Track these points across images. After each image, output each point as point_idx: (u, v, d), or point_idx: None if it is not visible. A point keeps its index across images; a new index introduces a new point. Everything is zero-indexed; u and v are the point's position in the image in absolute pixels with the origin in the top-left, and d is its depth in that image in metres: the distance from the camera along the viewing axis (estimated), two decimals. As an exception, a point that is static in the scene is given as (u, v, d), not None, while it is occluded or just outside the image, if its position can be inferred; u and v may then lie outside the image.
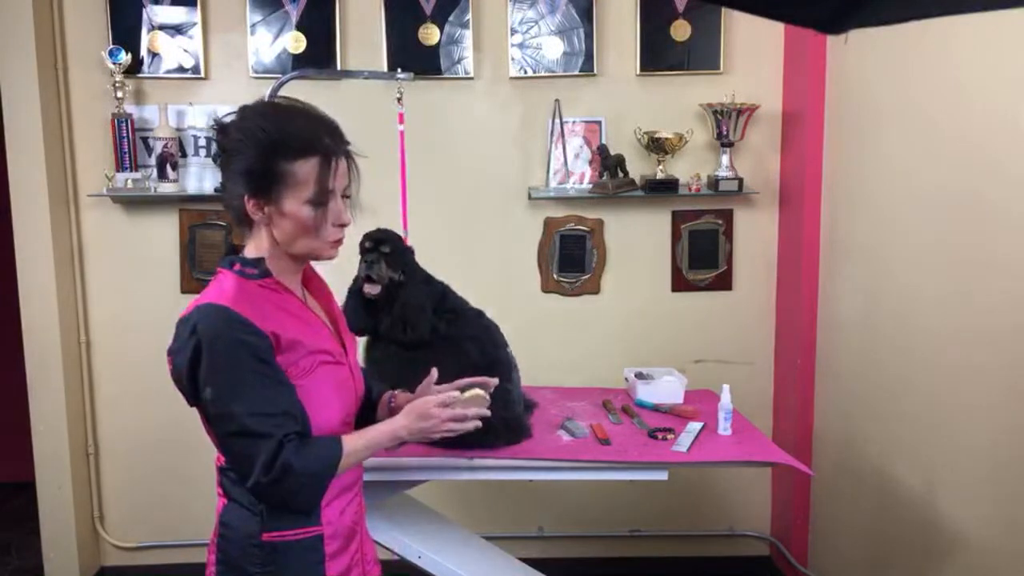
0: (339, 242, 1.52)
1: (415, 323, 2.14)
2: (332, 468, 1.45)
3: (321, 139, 1.45)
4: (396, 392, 1.74)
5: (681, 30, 3.10)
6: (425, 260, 2.28)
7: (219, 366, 1.40)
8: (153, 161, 3.06)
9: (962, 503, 2.16)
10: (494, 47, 3.12)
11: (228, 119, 1.49)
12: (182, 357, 1.41)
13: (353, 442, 1.49)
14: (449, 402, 1.53)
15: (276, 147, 1.43)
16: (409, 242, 2.34)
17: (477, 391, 1.57)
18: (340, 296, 1.79)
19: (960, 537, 2.16)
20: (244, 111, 1.48)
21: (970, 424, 2.12)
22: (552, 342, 3.21)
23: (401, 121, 2.56)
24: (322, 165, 1.44)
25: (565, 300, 3.25)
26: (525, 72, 3.12)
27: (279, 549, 1.48)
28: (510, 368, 2.22)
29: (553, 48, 3.11)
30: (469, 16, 3.08)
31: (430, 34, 3.09)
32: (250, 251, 1.51)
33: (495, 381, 1.64)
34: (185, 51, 3.09)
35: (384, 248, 2.15)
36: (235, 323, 1.40)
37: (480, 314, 2.28)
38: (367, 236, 2.18)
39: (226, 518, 1.52)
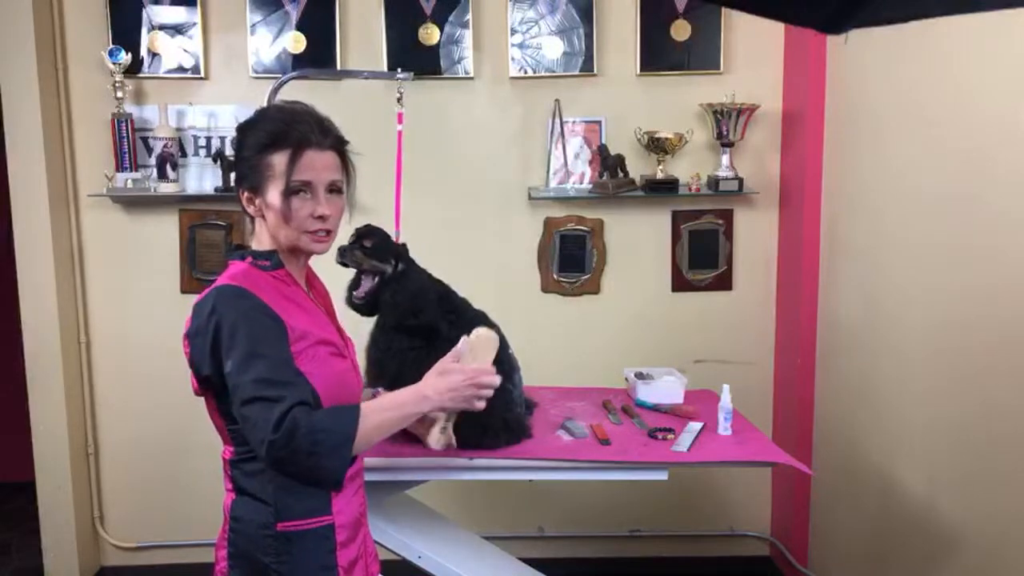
0: (318, 234, 1.52)
1: (422, 307, 2.12)
2: (349, 426, 1.40)
3: (293, 131, 1.49)
4: (379, 389, 1.77)
5: (681, 30, 3.10)
6: (425, 260, 2.28)
7: (238, 339, 1.41)
8: (153, 161, 3.06)
9: (962, 503, 2.16)
10: (494, 47, 3.12)
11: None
12: (203, 338, 1.44)
13: (374, 404, 1.46)
14: (463, 349, 1.56)
15: (258, 141, 1.51)
16: (401, 241, 2.33)
17: (480, 331, 1.56)
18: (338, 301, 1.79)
19: (960, 537, 2.16)
20: (255, 113, 1.60)
21: (970, 423, 2.12)
22: (552, 342, 3.21)
23: (400, 121, 2.55)
24: (291, 156, 1.48)
25: (565, 300, 3.25)
26: (525, 72, 3.12)
27: (293, 539, 1.51)
28: (512, 369, 2.21)
29: (553, 48, 3.11)
30: (469, 16, 3.08)
31: (430, 34, 3.09)
32: (257, 246, 1.58)
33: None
34: (185, 51, 3.09)
35: (365, 242, 2.13)
36: (254, 303, 1.45)
37: (482, 316, 2.27)
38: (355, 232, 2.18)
39: (237, 512, 1.53)
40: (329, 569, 1.54)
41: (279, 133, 1.49)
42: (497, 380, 1.53)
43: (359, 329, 2.06)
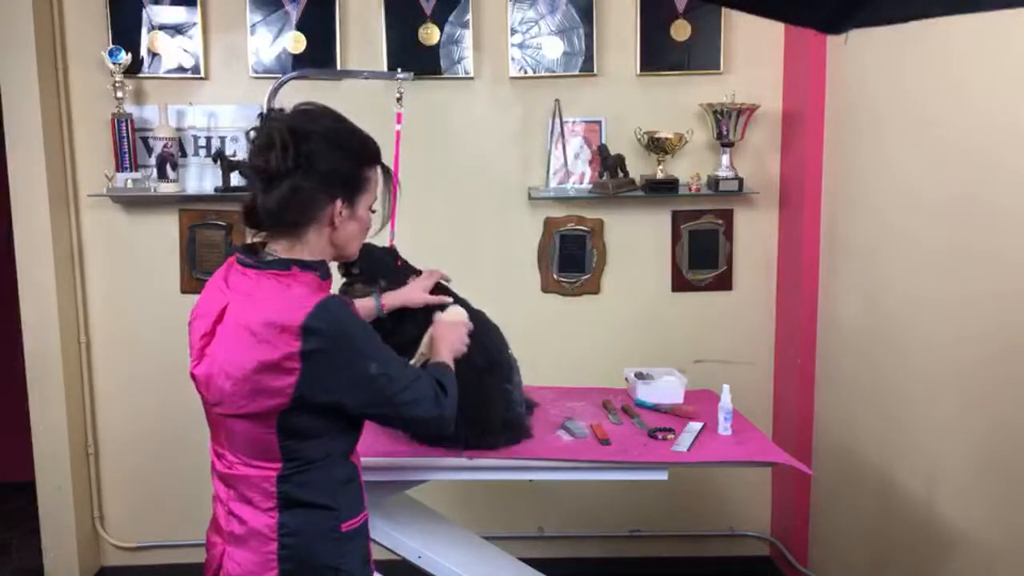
0: None
1: (401, 327, 2.14)
2: (451, 373, 1.70)
3: (379, 150, 1.60)
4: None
5: (681, 30, 3.10)
6: (425, 260, 2.28)
7: (370, 344, 1.51)
8: (153, 161, 3.06)
9: (962, 503, 2.16)
10: (494, 47, 3.12)
11: (306, 122, 1.50)
12: (330, 354, 1.43)
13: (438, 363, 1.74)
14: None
15: (364, 154, 1.56)
16: (395, 242, 2.33)
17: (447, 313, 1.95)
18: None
19: (960, 537, 2.16)
20: (319, 115, 1.53)
21: (970, 424, 2.12)
22: (552, 342, 3.21)
23: (399, 121, 2.55)
24: (387, 174, 1.63)
25: (565, 300, 3.25)
26: (525, 72, 3.12)
27: (353, 537, 1.57)
28: (511, 370, 2.21)
29: (553, 48, 3.11)
30: (469, 16, 3.08)
31: (430, 34, 3.09)
32: (286, 254, 1.53)
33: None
34: (185, 51, 3.09)
35: (354, 269, 2.13)
36: (354, 311, 1.54)
37: (479, 314, 2.27)
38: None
39: (292, 527, 1.50)
40: (368, 560, 1.63)
41: (376, 151, 1.59)
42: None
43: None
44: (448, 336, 1.82)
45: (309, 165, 1.46)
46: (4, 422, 3.62)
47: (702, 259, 3.22)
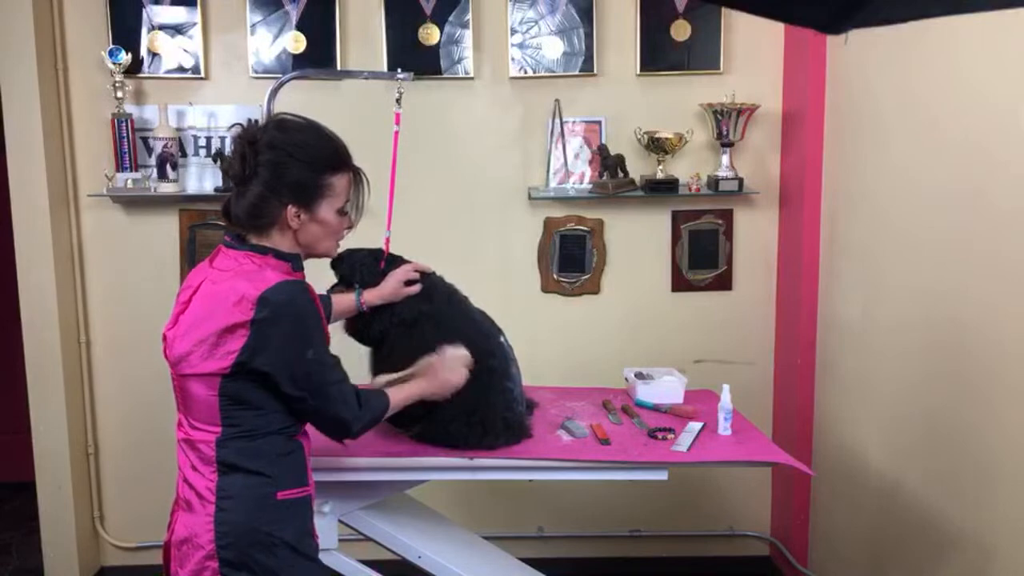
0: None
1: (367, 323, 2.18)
2: (386, 404, 1.78)
3: (348, 156, 1.71)
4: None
5: (681, 30, 3.10)
6: (424, 260, 2.28)
7: (315, 332, 1.62)
8: (153, 161, 3.06)
9: (962, 503, 2.16)
10: (494, 47, 3.12)
11: (264, 133, 1.64)
12: (276, 326, 1.56)
13: (395, 395, 1.81)
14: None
15: (321, 163, 1.65)
16: (389, 241, 2.33)
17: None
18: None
19: (959, 537, 2.16)
20: (283, 126, 1.66)
21: (970, 423, 2.12)
22: (552, 342, 3.21)
23: (398, 122, 2.54)
24: (353, 180, 1.72)
25: (565, 300, 3.25)
26: (525, 72, 3.12)
27: (291, 506, 1.65)
28: (507, 360, 2.17)
29: (553, 48, 3.11)
30: (469, 16, 3.08)
31: (430, 34, 3.08)
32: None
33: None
34: (185, 51, 3.09)
35: (335, 273, 2.23)
36: (313, 299, 1.63)
37: (464, 300, 2.25)
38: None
39: (229, 490, 1.61)
40: (311, 534, 1.71)
41: (341, 157, 1.68)
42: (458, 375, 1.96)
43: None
44: (441, 374, 1.91)
45: (266, 174, 1.62)
46: (4, 422, 3.63)
47: (702, 259, 3.22)
